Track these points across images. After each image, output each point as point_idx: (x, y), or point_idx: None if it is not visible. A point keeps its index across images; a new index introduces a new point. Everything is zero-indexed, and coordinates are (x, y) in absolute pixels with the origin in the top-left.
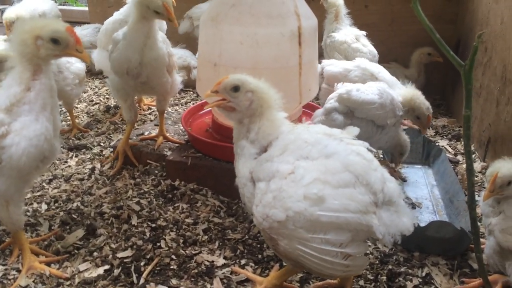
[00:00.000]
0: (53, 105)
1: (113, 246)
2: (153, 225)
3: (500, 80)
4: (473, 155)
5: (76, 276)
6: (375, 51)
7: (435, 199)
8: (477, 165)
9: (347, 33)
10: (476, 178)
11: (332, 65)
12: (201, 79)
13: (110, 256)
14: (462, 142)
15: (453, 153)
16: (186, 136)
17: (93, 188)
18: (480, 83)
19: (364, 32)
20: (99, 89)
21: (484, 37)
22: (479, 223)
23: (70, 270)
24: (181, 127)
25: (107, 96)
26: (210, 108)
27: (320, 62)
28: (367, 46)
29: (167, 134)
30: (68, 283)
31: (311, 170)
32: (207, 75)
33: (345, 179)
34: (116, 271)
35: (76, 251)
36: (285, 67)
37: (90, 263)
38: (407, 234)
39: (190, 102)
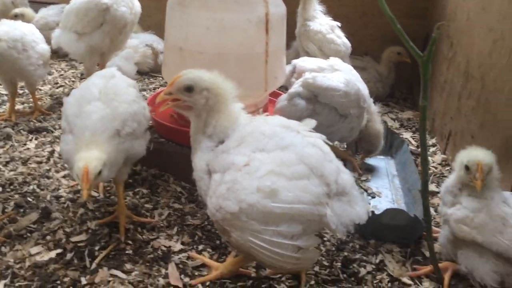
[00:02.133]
0: None
1: (67, 230)
2: (111, 210)
3: (463, 75)
4: (435, 148)
5: (27, 259)
6: (348, 43)
7: (394, 189)
8: (438, 158)
9: (322, 22)
10: (435, 170)
11: (305, 62)
12: (167, 64)
13: (64, 240)
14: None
15: (416, 145)
16: None
17: (51, 171)
18: (445, 77)
19: (338, 23)
20: (65, 71)
21: (451, 32)
22: (435, 213)
23: (21, 254)
24: None
25: (72, 79)
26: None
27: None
28: (341, 38)
29: None
30: (18, 266)
31: (266, 162)
32: (173, 60)
33: (299, 171)
34: (69, 255)
35: (28, 234)
36: (251, 53)
37: (42, 246)
38: (360, 223)
39: (158, 88)
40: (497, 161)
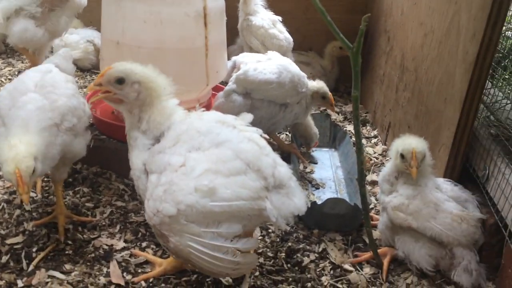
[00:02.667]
0: None
1: (2, 232)
2: (49, 210)
3: (399, 68)
4: (376, 139)
5: None
6: (290, 38)
7: (338, 179)
8: (379, 148)
9: (264, 17)
10: (377, 160)
11: (244, 57)
12: (104, 59)
13: None
14: (368, 127)
15: None
16: None
17: None
18: (384, 71)
19: (279, 18)
20: (1, 69)
21: (388, 27)
22: (376, 201)
23: None
24: None
25: (9, 77)
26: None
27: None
28: (283, 33)
29: None
30: None
31: (202, 161)
32: (110, 54)
33: (236, 167)
34: (4, 258)
35: None
36: (191, 48)
37: None
38: (300, 214)
39: None
40: (429, 149)
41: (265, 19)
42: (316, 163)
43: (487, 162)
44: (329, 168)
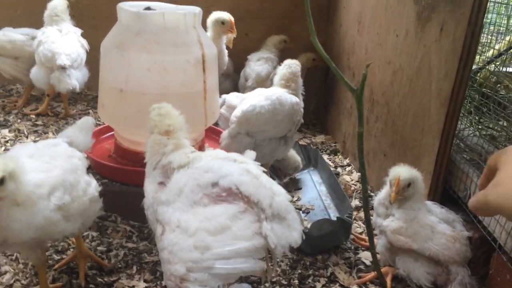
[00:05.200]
0: None
1: (24, 282)
2: (64, 256)
3: (369, 102)
4: (350, 167)
5: None
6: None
7: (324, 196)
8: (355, 175)
9: None
10: (355, 187)
11: (233, 98)
12: (105, 106)
13: None
14: (340, 156)
15: (333, 166)
16: None
17: None
18: (351, 103)
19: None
20: None
21: (351, 64)
22: (363, 225)
23: None
24: None
25: None
26: (110, 134)
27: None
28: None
29: None
30: None
31: (192, 220)
32: (112, 102)
33: (221, 223)
34: None
35: None
36: (191, 92)
37: None
38: (295, 246)
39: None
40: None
41: None
42: (301, 188)
43: (467, 183)
44: (313, 188)
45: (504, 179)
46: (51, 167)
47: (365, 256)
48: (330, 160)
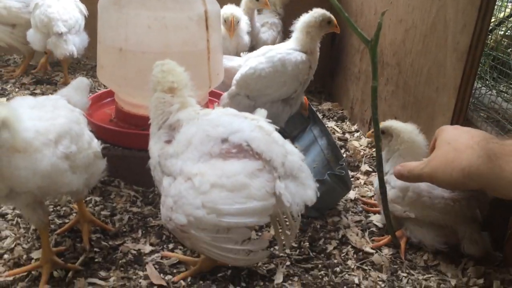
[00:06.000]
0: None
1: (25, 246)
2: (67, 221)
3: (378, 64)
4: (358, 133)
5: None
6: None
7: (325, 149)
8: (364, 141)
9: None
10: (365, 152)
11: (231, 61)
12: (104, 66)
13: (25, 257)
14: (347, 122)
15: (341, 132)
16: None
17: None
18: (359, 68)
19: None
20: None
21: (360, 26)
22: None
23: None
24: None
25: None
26: (110, 99)
27: None
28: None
29: None
30: None
31: (208, 175)
32: (112, 62)
33: (240, 181)
34: (35, 272)
35: None
36: (194, 51)
37: (3, 266)
38: (310, 205)
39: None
40: (424, 135)
41: None
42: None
43: None
44: (315, 143)
45: (434, 158)
46: (55, 116)
47: (377, 219)
48: (337, 126)
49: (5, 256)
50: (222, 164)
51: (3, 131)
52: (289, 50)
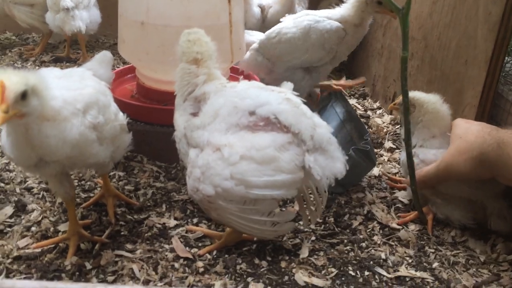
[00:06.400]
0: None
1: (52, 219)
2: (91, 195)
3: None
4: (381, 110)
5: (17, 253)
6: None
7: (348, 125)
8: (387, 118)
9: None
10: (388, 129)
11: (251, 36)
12: (126, 41)
13: (52, 229)
14: (369, 100)
15: (362, 109)
16: None
17: (10, 164)
18: (382, 43)
19: None
20: None
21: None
22: (398, 165)
23: (8, 248)
24: None
25: None
26: (131, 75)
27: None
28: None
29: None
30: (8, 261)
31: (238, 146)
32: (133, 36)
33: (270, 154)
34: (62, 244)
35: (8, 229)
36: (216, 24)
37: (30, 238)
38: (340, 178)
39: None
40: (452, 110)
41: None
42: None
43: None
44: (336, 117)
45: (447, 153)
46: (83, 86)
47: (402, 195)
48: (359, 104)
49: (33, 228)
50: (251, 136)
51: (32, 98)
52: (321, 18)
